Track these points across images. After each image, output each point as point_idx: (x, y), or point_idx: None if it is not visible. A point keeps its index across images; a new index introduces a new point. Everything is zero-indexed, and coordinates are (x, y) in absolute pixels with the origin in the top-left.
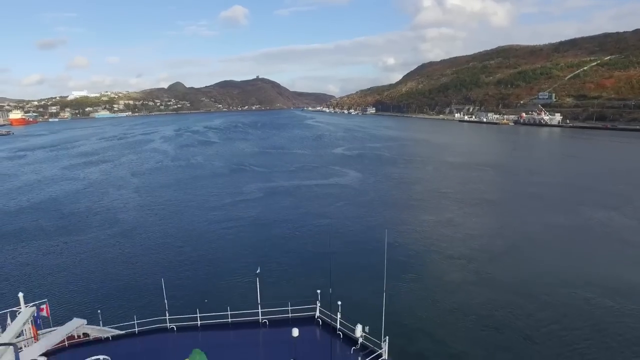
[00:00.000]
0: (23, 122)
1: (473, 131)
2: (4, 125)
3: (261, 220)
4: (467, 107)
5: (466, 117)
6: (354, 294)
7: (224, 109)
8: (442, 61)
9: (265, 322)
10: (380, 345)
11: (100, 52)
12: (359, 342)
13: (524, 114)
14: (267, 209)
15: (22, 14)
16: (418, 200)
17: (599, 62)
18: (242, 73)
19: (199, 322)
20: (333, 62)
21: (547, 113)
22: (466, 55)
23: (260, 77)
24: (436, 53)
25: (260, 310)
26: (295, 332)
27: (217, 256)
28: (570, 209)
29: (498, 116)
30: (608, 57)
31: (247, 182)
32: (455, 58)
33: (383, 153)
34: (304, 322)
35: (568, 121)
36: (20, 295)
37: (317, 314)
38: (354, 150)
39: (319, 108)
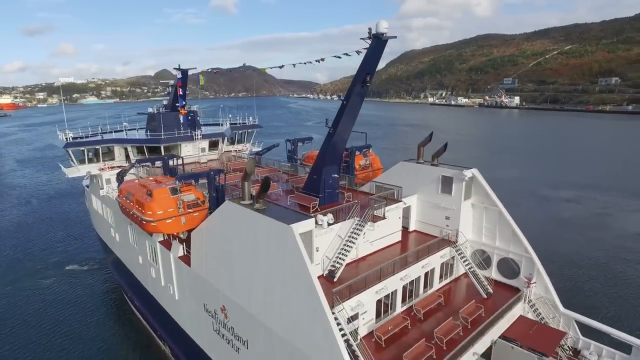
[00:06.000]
0: (13, 107)
1: (438, 112)
2: None
3: None
4: (440, 92)
5: (437, 101)
6: None
7: (211, 96)
8: (423, 49)
9: None
10: None
11: (86, 40)
12: None
13: (487, 98)
14: None
15: None
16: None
17: (559, 51)
18: (229, 61)
19: None
20: (321, 51)
21: (508, 97)
22: (446, 44)
23: (246, 64)
24: (422, 42)
25: None
26: None
27: None
28: (471, 156)
29: (466, 100)
30: (568, 47)
31: None
32: (436, 46)
33: None
34: None
35: (524, 103)
36: None
37: None
38: (322, 123)
39: (303, 95)
